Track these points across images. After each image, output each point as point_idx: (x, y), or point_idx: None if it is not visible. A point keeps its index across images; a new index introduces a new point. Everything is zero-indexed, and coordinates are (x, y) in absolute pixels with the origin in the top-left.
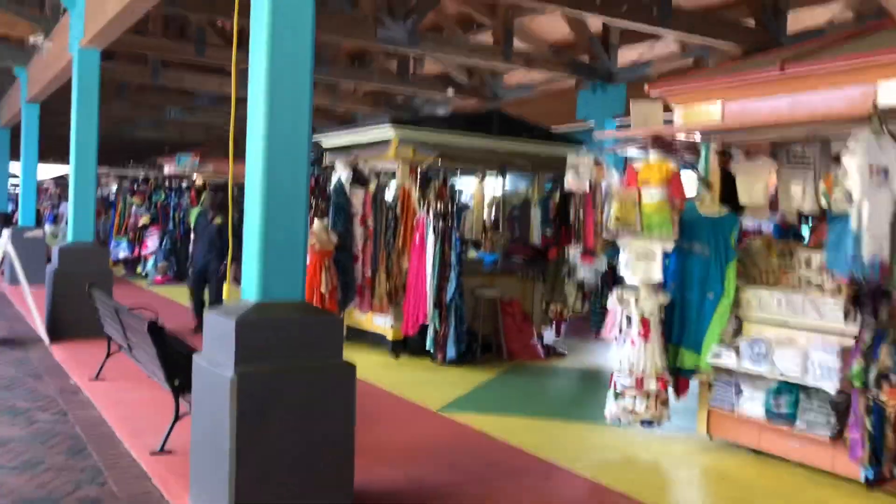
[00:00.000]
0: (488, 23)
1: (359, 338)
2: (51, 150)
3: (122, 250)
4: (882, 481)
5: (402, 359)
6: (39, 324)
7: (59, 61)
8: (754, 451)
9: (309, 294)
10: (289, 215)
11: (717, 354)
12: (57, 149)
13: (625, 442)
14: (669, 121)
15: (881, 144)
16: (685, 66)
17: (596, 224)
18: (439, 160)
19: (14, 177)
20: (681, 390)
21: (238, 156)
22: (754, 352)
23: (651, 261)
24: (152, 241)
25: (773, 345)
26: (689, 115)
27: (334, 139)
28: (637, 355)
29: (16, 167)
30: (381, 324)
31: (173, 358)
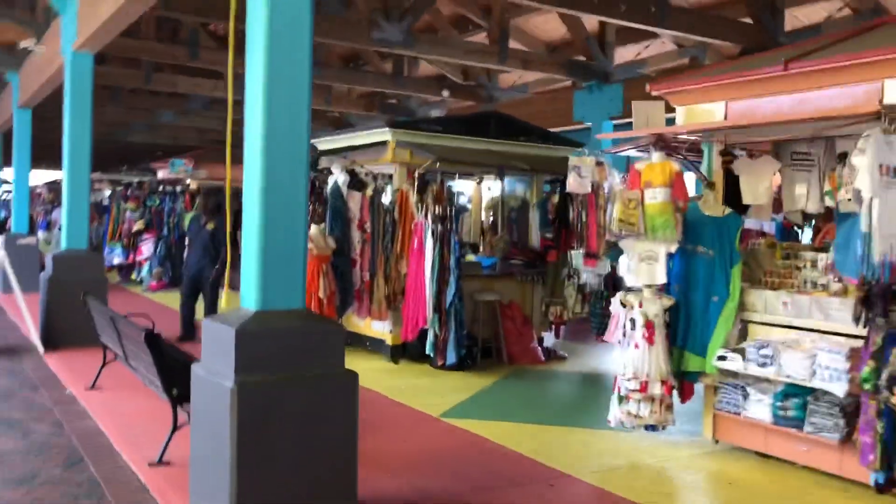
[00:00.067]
0: (483, 23)
1: (357, 343)
2: (43, 155)
3: (116, 256)
4: (892, 485)
5: (402, 364)
6: (33, 333)
7: (50, 65)
8: (761, 454)
9: (307, 299)
10: (288, 221)
11: (722, 358)
12: (49, 154)
13: (629, 447)
14: (671, 120)
15: (891, 143)
16: (682, 65)
17: (598, 226)
18: (437, 163)
19: (6, 183)
20: (686, 394)
21: (234, 159)
22: (760, 355)
23: (655, 263)
24: (147, 247)
25: (780, 347)
26: (691, 115)
27: (330, 142)
28: (641, 359)
29: (8, 174)
30: (379, 329)
31: (171, 367)
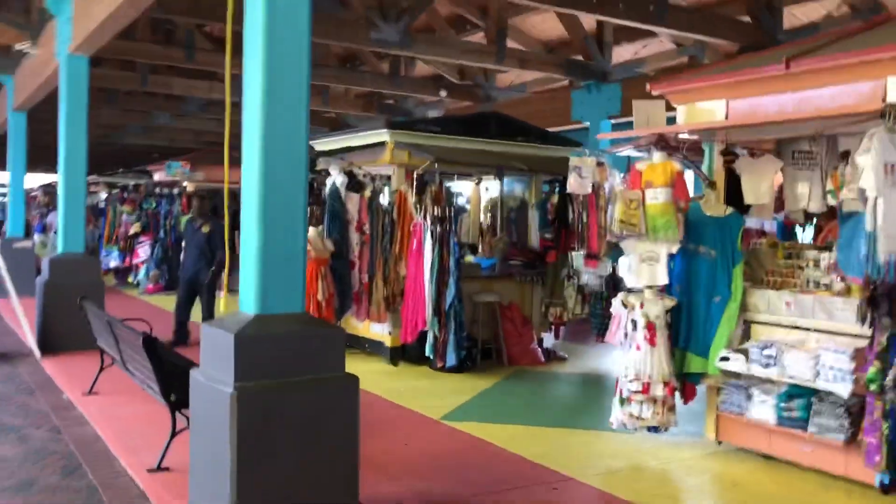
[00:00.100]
0: (481, 23)
1: (356, 345)
2: (38, 158)
3: (113, 259)
4: None
5: (401, 366)
6: (30, 337)
7: (46, 68)
8: (764, 455)
9: (306, 302)
10: (288, 224)
11: (725, 358)
12: (45, 157)
13: (632, 449)
14: (672, 119)
15: (895, 142)
16: (680, 64)
17: (600, 227)
18: (435, 164)
19: (2, 186)
20: (688, 396)
21: (232, 161)
22: (764, 355)
23: (656, 263)
24: (143, 250)
25: (783, 348)
26: (691, 114)
27: (328, 143)
28: (643, 361)
29: (3, 177)
30: (378, 331)
31: (169, 372)
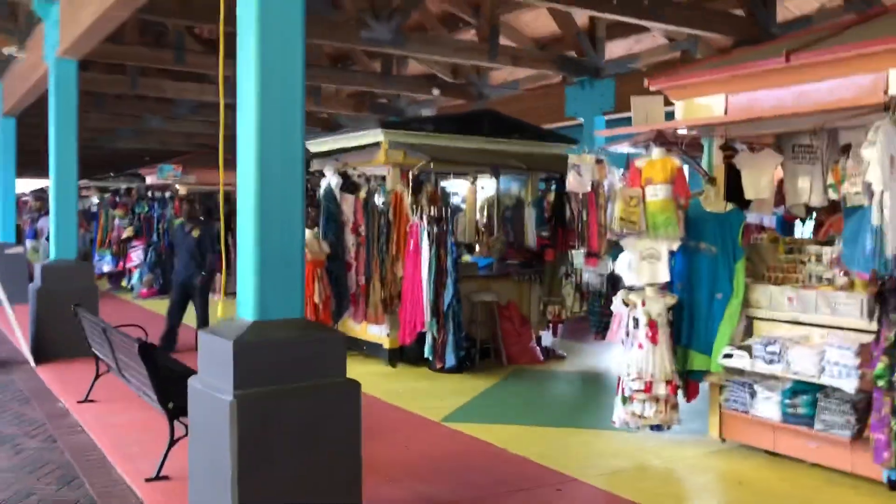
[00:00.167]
0: (473, 21)
1: (354, 347)
2: (29, 163)
3: (106, 264)
4: None
5: (400, 368)
6: (24, 345)
7: (34, 72)
8: (769, 453)
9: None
10: (285, 227)
11: (728, 355)
12: (35, 162)
13: (634, 448)
14: (670, 114)
15: None
16: (673, 58)
17: (599, 225)
18: (430, 163)
19: None
20: (691, 394)
21: (226, 164)
22: (767, 352)
23: (657, 261)
24: (137, 254)
25: (787, 344)
26: (690, 109)
27: (321, 144)
28: (645, 359)
29: None
30: (376, 332)
31: (166, 379)
